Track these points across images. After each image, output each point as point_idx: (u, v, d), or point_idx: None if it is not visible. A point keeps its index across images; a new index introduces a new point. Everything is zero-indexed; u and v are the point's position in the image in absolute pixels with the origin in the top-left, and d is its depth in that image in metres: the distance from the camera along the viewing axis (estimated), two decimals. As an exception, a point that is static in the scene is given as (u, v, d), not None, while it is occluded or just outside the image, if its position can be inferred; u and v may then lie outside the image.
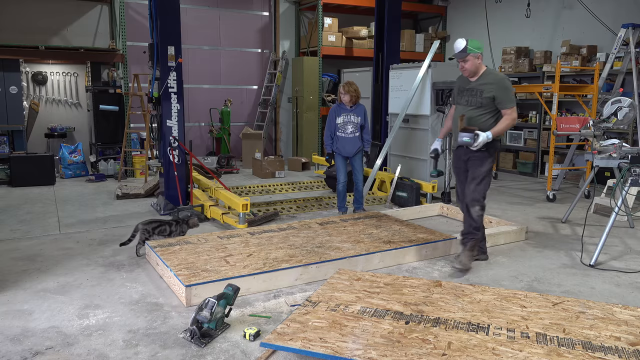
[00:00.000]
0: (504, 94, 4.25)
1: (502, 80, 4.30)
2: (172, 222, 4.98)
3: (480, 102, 4.29)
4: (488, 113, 4.31)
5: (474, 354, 2.76)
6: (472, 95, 4.34)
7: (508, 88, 4.28)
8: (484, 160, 4.32)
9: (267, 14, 11.39)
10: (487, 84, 4.28)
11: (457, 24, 11.84)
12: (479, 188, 4.33)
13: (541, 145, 9.42)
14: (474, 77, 4.37)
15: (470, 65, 4.28)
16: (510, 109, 4.26)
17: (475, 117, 4.33)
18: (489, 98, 4.25)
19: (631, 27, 7.53)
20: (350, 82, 5.93)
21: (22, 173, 8.10)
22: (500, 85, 4.26)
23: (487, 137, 4.18)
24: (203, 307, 3.08)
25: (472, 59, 4.25)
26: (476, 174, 4.34)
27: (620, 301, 3.76)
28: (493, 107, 4.29)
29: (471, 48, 4.21)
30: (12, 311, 3.51)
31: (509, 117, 4.27)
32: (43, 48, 8.78)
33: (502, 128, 4.26)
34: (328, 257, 4.29)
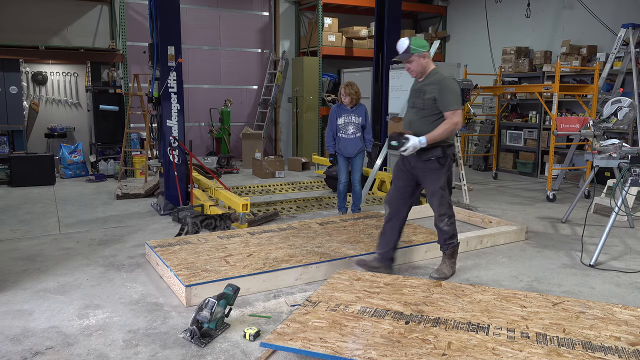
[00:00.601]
0: (445, 96, 3.89)
1: (444, 81, 3.95)
2: (217, 216, 5.34)
3: (423, 104, 3.97)
4: (431, 117, 3.95)
5: (474, 354, 2.76)
6: (416, 97, 4.04)
7: (450, 89, 3.92)
8: (436, 174, 3.98)
9: (267, 14, 11.39)
10: (430, 84, 3.97)
11: (457, 24, 11.84)
12: (443, 202, 4.03)
13: (541, 145, 9.42)
14: (421, 78, 4.08)
15: (415, 66, 3.99)
16: (451, 112, 3.87)
17: (418, 120, 4.01)
18: (430, 100, 3.93)
19: (631, 27, 7.53)
20: (351, 84, 5.92)
21: (22, 173, 8.10)
22: (442, 86, 3.92)
23: (418, 142, 3.82)
24: (203, 307, 3.08)
25: (417, 59, 3.96)
26: (434, 189, 4.01)
27: (620, 301, 3.76)
28: (437, 110, 3.93)
29: (415, 47, 3.92)
30: (12, 311, 3.51)
31: (449, 121, 3.86)
32: (43, 48, 8.78)
33: (439, 133, 3.85)
34: (328, 257, 4.29)
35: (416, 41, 3.95)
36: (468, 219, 6.08)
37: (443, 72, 4.04)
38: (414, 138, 3.82)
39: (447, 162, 3.99)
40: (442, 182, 3.99)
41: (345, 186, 6.09)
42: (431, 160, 3.94)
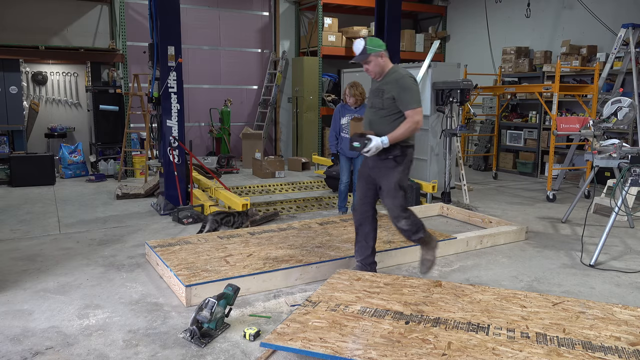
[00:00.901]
0: (404, 94, 3.78)
1: (402, 79, 3.83)
2: (236, 213, 5.49)
3: (382, 103, 3.86)
4: (391, 116, 3.84)
5: (474, 354, 2.76)
6: (375, 97, 3.93)
7: (409, 87, 3.80)
8: (391, 171, 3.85)
9: (267, 14, 11.39)
10: (388, 83, 3.86)
11: (457, 24, 11.84)
12: (396, 202, 3.86)
13: (541, 145, 9.42)
14: (379, 78, 3.96)
15: (373, 66, 3.88)
16: (412, 110, 3.75)
17: (377, 120, 3.90)
18: (389, 99, 3.82)
19: (631, 27, 7.53)
20: (356, 84, 5.87)
21: (22, 173, 8.10)
22: (400, 84, 3.80)
23: (381, 142, 3.71)
24: (203, 307, 3.08)
25: (374, 59, 3.85)
26: (388, 187, 3.88)
27: (620, 301, 3.76)
28: (396, 109, 3.83)
29: (371, 48, 3.81)
30: (12, 311, 3.51)
31: (410, 120, 3.75)
32: (43, 48, 8.78)
33: (400, 133, 3.75)
34: (328, 257, 4.29)
35: (372, 41, 3.85)
36: (468, 219, 6.08)
37: (401, 70, 3.91)
38: (376, 138, 3.73)
39: (405, 161, 3.88)
40: (396, 181, 3.84)
41: (347, 186, 6.09)
42: (388, 159, 3.85)
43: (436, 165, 7.22)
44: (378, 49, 3.85)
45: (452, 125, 6.84)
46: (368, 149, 3.73)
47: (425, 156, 7.26)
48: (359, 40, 3.86)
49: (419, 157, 7.38)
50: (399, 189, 3.87)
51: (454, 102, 6.70)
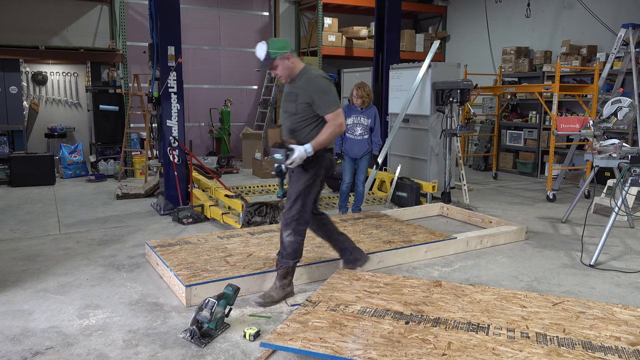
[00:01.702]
0: (321, 97, 3.52)
1: (315, 80, 3.57)
2: (269, 204, 5.63)
3: (296, 108, 3.58)
4: (307, 121, 3.58)
5: (474, 354, 2.76)
6: (288, 101, 3.65)
7: (324, 89, 3.55)
8: (300, 176, 3.60)
9: (267, 14, 11.39)
10: (301, 86, 3.59)
11: (457, 24, 11.84)
12: (292, 209, 3.60)
13: (541, 145, 9.42)
14: (291, 81, 3.69)
15: (281, 70, 3.60)
16: (332, 113, 3.51)
17: (293, 126, 3.63)
18: (303, 104, 3.54)
19: (631, 27, 7.53)
20: (364, 85, 5.85)
21: (22, 173, 8.10)
22: (314, 86, 3.54)
23: (304, 151, 3.43)
24: (203, 307, 3.08)
25: (281, 62, 3.57)
26: (291, 191, 3.64)
27: (620, 301, 3.76)
28: (312, 113, 3.56)
29: (274, 51, 3.54)
30: (12, 311, 3.51)
31: (332, 123, 3.51)
32: (43, 48, 8.78)
33: (324, 138, 3.49)
34: (328, 257, 4.29)
35: (274, 44, 3.58)
36: (468, 219, 6.08)
37: (314, 71, 3.65)
38: (299, 148, 3.44)
39: (316, 168, 3.59)
40: (300, 187, 3.58)
41: (349, 187, 6.09)
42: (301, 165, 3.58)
43: (436, 165, 7.22)
44: (282, 50, 3.56)
45: (452, 125, 6.84)
46: (291, 160, 3.43)
47: (425, 156, 7.27)
48: (260, 45, 3.61)
49: (418, 157, 7.40)
50: (303, 196, 3.59)
51: (454, 102, 6.70)
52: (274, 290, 3.70)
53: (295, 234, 3.63)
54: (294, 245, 3.65)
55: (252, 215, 5.50)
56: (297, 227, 3.63)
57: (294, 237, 3.63)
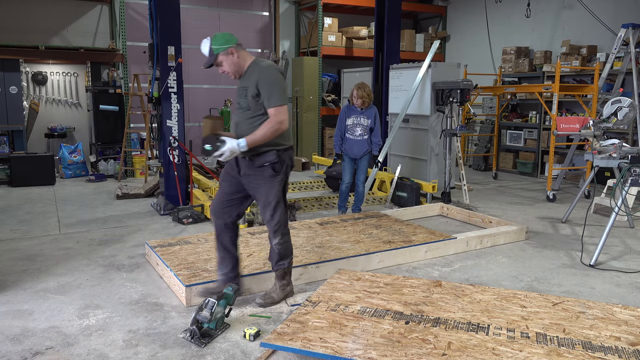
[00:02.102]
0: (267, 88, 3.32)
1: (265, 71, 3.38)
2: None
3: (247, 103, 3.41)
4: (257, 117, 3.39)
5: (474, 354, 2.76)
6: (240, 96, 3.49)
7: (271, 80, 3.35)
8: (270, 182, 3.43)
9: (267, 14, 11.39)
10: (250, 79, 3.41)
11: (457, 24, 11.84)
12: (274, 217, 3.48)
13: (541, 145, 9.42)
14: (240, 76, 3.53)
15: (227, 66, 3.45)
16: (275, 108, 3.31)
17: (242, 122, 3.44)
18: (253, 97, 3.37)
19: (631, 27, 7.53)
20: (364, 86, 5.84)
21: (22, 173, 8.10)
22: (262, 77, 3.35)
23: (237, 145, 3.25)
24: (203, 307, 3.08)
25: (224, 57, 3.43)
26: (267, 201, 3.46)
27: (620, 301, 3.76)
28: (262, 108, 3.38)
29: (217, 47, 3.41)
30: (12, 311, 3.51)
31: (272, 119, 3.31)
32: (43, 48, 8.78)
33: (260, 134, 3.29)
34: (328, 257, 4.29)
35: (217, 39, 3.43)
36: (468, 219, 6.08)
37: (263, 62, 3.46)
38: (232, 141, 3.26)
39: (283, 168, 3.46)
40: (277, 192, 3.46)
41: (348, 187, 6.09)
42: (265, 167, 3.39)
43: (436, 165, 7.22)
44: (225, 45, 3.40)
45: (452, 125, 6.84)
46: (221, 153, 3.25)
47: (425, 156, 7.27)
48: (204, 41, 3.49)
49: (418, 157, 7.40)
50: (281, 200, 3.49)
51: (454, 102, 6.70)
52: (274, 291, 3.67)
53: (283, 237, 3.57)
54: (285, 246, 3.60)
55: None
56: (283, 231, 3.56)
57: (283, 239, 3.58)
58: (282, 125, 3.33)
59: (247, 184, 3.50)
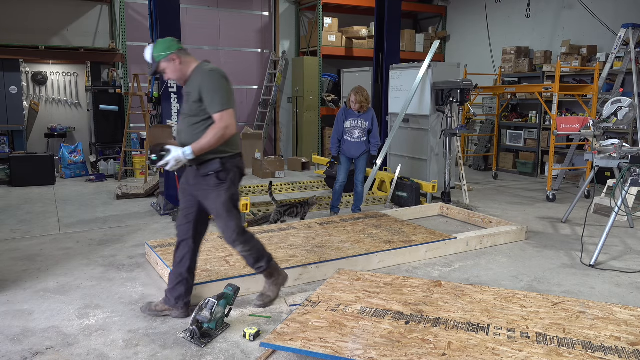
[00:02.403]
0: (210, 93, 3.18)
1: (207, 75, 3.24)
2: (298, 204, 5.77)
3: (190, 109, 3.26)
4: (201, 123, 3.23)
5: (474, 354, 2.76)
6: (185, 102, 3.34)
7: (215, 84, 3.21)
8: (215, 190, 3.26)
9: (267, 14, 11.39)
10: (193, 84, 3.27)
11: (457, 24, 11.84)
12: (230, 225, 3.31)
13: (541, 145, 9.42)
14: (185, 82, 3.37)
15: (171, 72, 3.32)
16: (220, 113, 3.15)
17: (186, 129, 3.28)
18: (195, 102, 3.22)
19: (631, 27, 7.54)
20: (361, 90, 5.83)
21: (22, 173, 8.10)
22: (205, 81, 3.22)
23: (182, 154, 3.12)
24: (203, 307, 3.08)
25: (167, 64, 3.29)
26: (217, 210, 3.29)
27: (620, 301, 3.76)
28: (206, 114, 3.22)
29: (158, 54, 3.28)
30: (12, 311, 3.51)
31: (217, 125, 3.14)
32: (43, 48, 8.78)
33: (206, 142, 3.13)
34: (328, 257, 4.29)
35: (158, 46, 3.31)
36: (468, 219, 6.08)
37: (207, 66, 3.32)
38: (177, 149, 3.14)
39: (230, 176, 3.29)
40: (225, 202, 3.27)
41: (342, 186, 6.08)
42: (209, 176, 3.24)
43: (436, 165, 7.22)
44: (166, 52, 3.27)
45: (452, 125, 6.84)
46: (166, 162, 3.14)
47: (425, 156, 7.27)
48: (146, 49, 3.40)
49: (418, 157, 7.40)
50: (232, 208, 3.31)
51: (454, 102, 6.70)
52: (267, 290, 3.64)
53: (247, 243, 3.39)
54: (254, 250, 3.43)
55: (282, 215, 5.61)
56: (242, 237, 3.36)
57: (248, 245, 3.40)
58: (228, 130, 3.17)
59: (197, 194, 3.35)
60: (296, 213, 5.72)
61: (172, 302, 3.40)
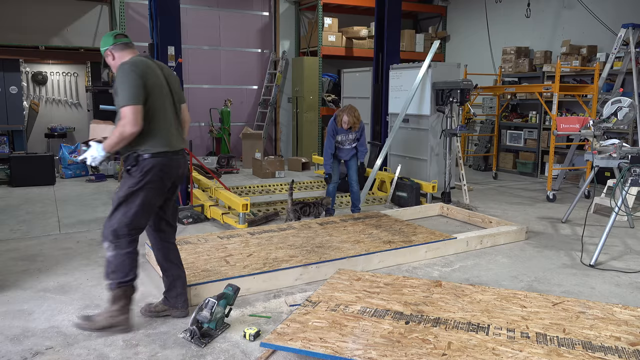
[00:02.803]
0: (115, 89, 3.03)
1: (119, 69, 3.08)
2: (311, 203, 5.85)
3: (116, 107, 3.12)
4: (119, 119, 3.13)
5: (474, 354, 2.76)
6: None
7: (120, 79, 3.03)
8: (125, 181, 3.12)
9: (267, 14, 11.39)
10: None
11: (457, 24, 11.84)
12: (112, 218, 3.09)
13: (541, 145, 9.42)
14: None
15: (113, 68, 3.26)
16: (122, 109, 2.98)
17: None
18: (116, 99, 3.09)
19: (631, 27, 7.53)
20: (353, 110, 5.83)
21: (22, 173, 8.10)
22: (116, 77, 3.07)
23: (96, 151, 3.06)
24: (203, 307, 3.08)
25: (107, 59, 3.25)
26: (115, 197, 3.13)
27: (620, 301, 3.76)
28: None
29: (102, 50, 3.26)
30: (12, 311, 3.51)
31: (119, 121, 3.00)
32: (43, 48, 8.79)
33: (111, 140, 3.01)
34: (328, 257, 4.29)
35: (102, 42, 3.25)
36: (468, 219, 6.08)
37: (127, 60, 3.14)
38: (95, 146, 3.08)
39: (140, 175, 3.07)
40: (122, 195, 3.08)
41: (336, 187, 6.16)
42: (127, 170, 3.13)
43: (436, 165, 7.22)
44: (104, 48, 3.22)
45: (452, 125, 6.84)
46: (82, 157, 3.12)
47: (425, 156, 7.27)
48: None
49: (418, 157, 7.40)
50: (125, 205, 3.08)
51: (454, 102, 6.70)
52: (99, 314, 3.17)
53: (116, 248, 3.08)
54: (116, 261, 3.10)
55: (299, 214, 5.71)
56: (115, 239, 3.08)
57: (114, 251, 3.09)
58: (126, 128, 2.95)
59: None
60: (309, 212, 5.77)
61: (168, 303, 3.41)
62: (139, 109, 3.00)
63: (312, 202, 5.89)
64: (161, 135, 3.15)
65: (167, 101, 3.24)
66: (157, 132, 3.13)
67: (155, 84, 3.14)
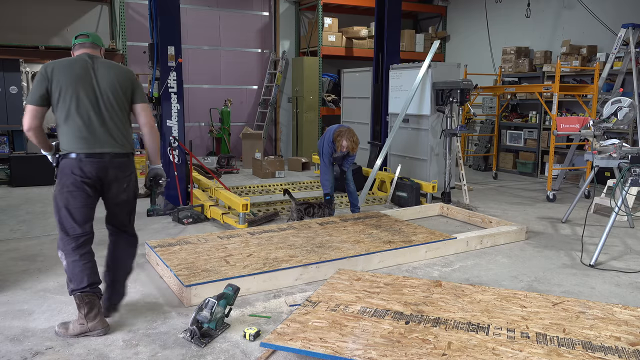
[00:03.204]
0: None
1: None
2: (316, 204, 5.85)
3: None
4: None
5: (474, 354, 2.76)
6: None
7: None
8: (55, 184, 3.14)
9: (267, 14, 11.39)
10: None
11: (457, 24, 11.84)
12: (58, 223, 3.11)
13: (541, 145, 9.42)
14: None
15: None
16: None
17: None
18: None
19: (631, 27, 7.54)
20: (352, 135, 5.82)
21: (22, 173, 8.10)
22: None
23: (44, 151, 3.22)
24: (203, 307, 3.08)
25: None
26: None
27: (620, 301, 3.76)
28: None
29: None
30: (12, 311, 3.51)
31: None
32: (43, 48, 8.77)
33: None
34: (328, 257, 4.29)
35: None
36: (468, 219, 6.08)
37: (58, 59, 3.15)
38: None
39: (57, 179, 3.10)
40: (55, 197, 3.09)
41: (333, 187, 6.19)
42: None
43: (436, 165, 7.22)
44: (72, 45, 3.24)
45: (452, 125, 6.84)
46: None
47: (425, 156, 7.27)
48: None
49: (418, 157, 7.40)
50: (57, 209, 3.08)
51: (454, 102, 6.70)
52: (72, 322, 3.14)
53: (66, 257, 3.07)
54: (68, 270, 3.07)
55: (302, 213, 5.70)
56: (62, 245, 3.08)
57: (65, 260, 3.07)
58: (24, 127, 3.04)
59: None
60: (313, 213, 5.77)
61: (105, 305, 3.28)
62: (33, 108, 3.02)
63: (317, 203, 5.89)
64: (75, 136, 3.07)
65: (87, 101, 3.09)
66: (70, 132, 3.07)
67: (69, 83, 3.04)
